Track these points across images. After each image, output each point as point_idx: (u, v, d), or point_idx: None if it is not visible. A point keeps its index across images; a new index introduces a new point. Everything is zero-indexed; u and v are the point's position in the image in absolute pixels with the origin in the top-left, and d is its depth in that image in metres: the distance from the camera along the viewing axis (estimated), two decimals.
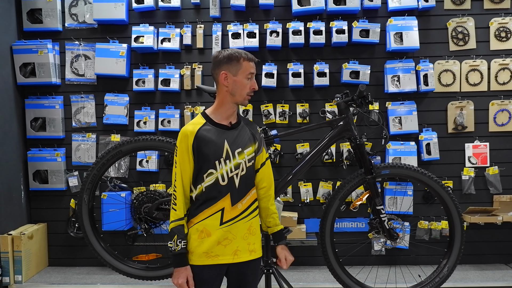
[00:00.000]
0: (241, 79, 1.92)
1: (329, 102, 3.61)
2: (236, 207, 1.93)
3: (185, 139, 1.90)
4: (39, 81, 3.57)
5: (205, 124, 1.93)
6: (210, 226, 1.90)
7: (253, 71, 1.95)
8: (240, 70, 1.91)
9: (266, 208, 2.08)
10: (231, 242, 1.92)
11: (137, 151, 3.40)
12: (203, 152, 1.89)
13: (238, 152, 1.93)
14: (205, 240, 1.90)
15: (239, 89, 1.92)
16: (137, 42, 3.54)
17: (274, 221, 2.09)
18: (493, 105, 3.57)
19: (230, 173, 1.91)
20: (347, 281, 2.67)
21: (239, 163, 1.93)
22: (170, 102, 3.65)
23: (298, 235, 3.51)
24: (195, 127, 1.91)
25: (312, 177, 3.61)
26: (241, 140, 1.96)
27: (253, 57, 1.97)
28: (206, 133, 1.90)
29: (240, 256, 1.94)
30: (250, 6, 3.58)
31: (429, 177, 2.64)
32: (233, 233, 1.93)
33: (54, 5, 3.59)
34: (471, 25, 3.55)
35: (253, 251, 1.99)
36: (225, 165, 1.90)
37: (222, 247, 1.91)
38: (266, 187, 2.07)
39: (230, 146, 1.92)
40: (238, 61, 1.91)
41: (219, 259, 1.91)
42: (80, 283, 3.36)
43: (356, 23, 3.48)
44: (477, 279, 3.32)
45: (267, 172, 2.08)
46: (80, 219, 2.69)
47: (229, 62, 1.91)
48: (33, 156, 3.62)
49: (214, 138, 1.90)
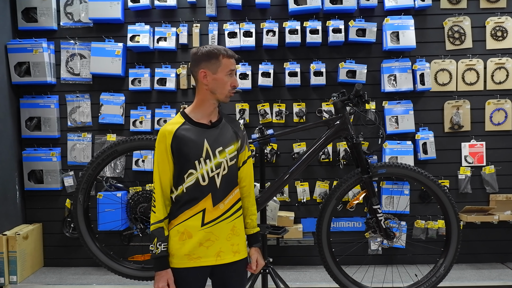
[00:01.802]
0: (221, 77, 1.87)
1: (326, 101, 3.61)
2: (217, 208, 1.88)
3: (163, 139, 1.86)
4: (34, 81, 3.55)
5: (184, 124, 1.88)
6: (191, 228, 1.86)
7: (233, 68, 1.90)
8: (220, 68, 1.86)
9: (245, 208, 2.04)
10: (214, 243, 1.88)
11: (133, 151, 3.38)
12: (182, 152, 1.85)
13: (219, 151, 1.88)
14: (187, 242, 1.86)
15: (219, 87, 1.88)
16: (133, 41, 3.53)
17: (252, 222, 2.05)
18: (489, 104, 3.58)
19: (211, 172, 1.87)
20: (343, 281, 2.67)
21: (220, 162, 1.88)
22: (166, 102, 3.63)
23: (295, 235, 3.51)
24: (174, 127, 1.87)
25: (308, 177, 3.61)
26: (222, 139, 1.91)
27: (233, 53, 1.92)
28: (185, 133, 1.86)
29: (223, 258, 1.90)
30: (246, 5, 3.58)
31: (426, 176, 2.64)
32: (216, 234, 1.88)
33: (49, 4, 3.57)
34: (467, 24, 3.56)
35: (237, 252, 1.93)
36: (205, 165, 1.86)
37: (204, 249, 1.87)
38: (246, 186, 2.04)
39: (211, 145, 1.87)
40: (218, 58, 1.86)
41: (202, 261, 1.87)
42: (75, 283, 3.34)
43: (353, 22, 3.48)
44: (474, 278, 3.32)
45: (248, 171, 2.04)
46: (75, 219, 2.68)
47: (208, 59, 1.87)
48: (28, 156, 3.60)
49: (193, 137, 1.86)
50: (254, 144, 2.64)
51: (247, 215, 2.04)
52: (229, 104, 3.56)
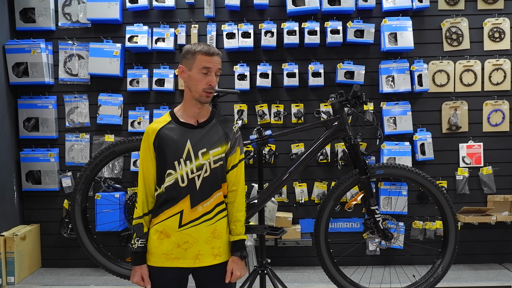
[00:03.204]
0: (195, 74, 1.83)
1: (324, 102, 3.61)
2: (195, 210, 1.83)
3: (147, 137, 1.87)
4: (32, 81, 3.54)
5: (169, 123, 1.87)
6: (169, 228, 1.84)
7: (208, 65, 1.82)
8: (194, 64, 1.83)
9: (230, 214, 1.95)
10: (192, 246, 1.84)
11: (131, 152, 3.36)
12: (163, 152, 1.83)
13: (202, 152, 1.84)
14: (164, 241, 1.85)
15: (193, 85, 1.84)
16: (131, 41, 3.52)
17: (236, 229, 1.94)
18: (486, 105, 3.59)
19: (191, 174, 1.83)
20: (341, 282, 2.67)
21: (202, 164, 1.83)
22: (165, 102, 3.63)
23: (293, 236, 3.51)
24: (158, 125, 1.86)
25: (307, 177, 3.61)
26: (208, 140, 1.86)
27: (214, 50, 1.85)
28: (168, 132, 1.84)
29: (202, 261, 1.86)
30: (244, 6, 3.58)
31: (424, 177, 2.64)
32: (194, 236, 1.84)
33: (47, 4, 3.56)
34: (465, 25, 3.57)
35: (218, 255, 1.89)
36: (185, 166, 1.82)
37: (182, 251, 1.84)
38: (235, 191, 1.94)
39: (193, 146, 1.83)
40: (194, 55, 1.84)
41: (179, 262, 1.85)
42: (73, 284, 3.34)
43: (351, 23, 3.48)
44: (471, 278, 3.33)
45: (237, 176, 1.95)
46: (73, 220, 2.67)
47: (185, 55, 1.87)
48: (26, 157, 3.59)
49: (176, 137, 1.84)
50: (253, 145, 2.63)
51: (231, 221, 1.95)
52: (227, 105, 3.57)
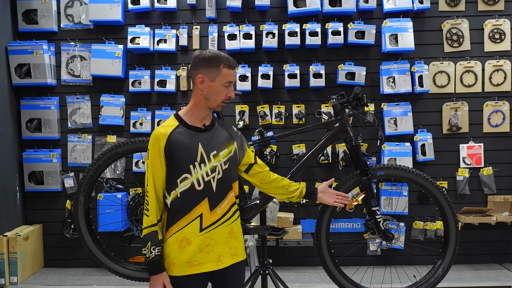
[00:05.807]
0: (218, 86, 1.82)
1: (325, 103, 3.62)
2: (215, 212, 1.85)
3: (157, 142, 1.81)
4: (34, 82, 3.56)
5: (178, 127, 1.84)
6: (189, 234, 1.82)
7: (231, 79, 1.84)
8: (218, 77, 1.81)
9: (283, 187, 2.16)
10: (214, 248, 1.85)
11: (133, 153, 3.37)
12: (176, 156, 1.80)
13: (213, 154, 1.85)
14: (186, 249, 1.82)
15: (214, 96, 1.83)
16: (133, 43, 3.54)
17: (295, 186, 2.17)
18: (487, 106, 3.60)
19: (207, 177, 1.83)
20: (342, 282, 2.68)
21: (215, 166, 1.85)
22: (166, 103, 3.65)
23: (294, 236, 3.53)
24: (168, 130, 1.82)
25: (308, 178, 3.62)
26: (216, 142, 1.88)
27: (235, 64, 1.87)
28: (179, 136, 1.82)
29: (223, 262, 1.88)
30: (246, 7, 3.59)
31: (424, 178, 2.65)
32: (215, 238, 1.85)
33: (50, 5, 3.58)
34: (465, 26, 3.58)
35: (235, 255, 1.92)
36: (200, 169, 1.82)
37: (205, 255, 1.84)
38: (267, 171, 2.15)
39: (205, 149, 1.84)
40: (218, 67, 1.81)
41: (203, 267, 1.84)
42: (75, 284, 3.35)
43: (352, 24, 3.50)
44: (472, 279, 3.34)
45: (259, 163, 2.14)
46: (76, 220, 2.68)
47: (208, 66, 1.81)
48: (28, 157, 3.61)
49: (188, 141, 1.82)
50: (255, 146, 2.65)
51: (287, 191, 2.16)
52: (228, 106, 3.58)
